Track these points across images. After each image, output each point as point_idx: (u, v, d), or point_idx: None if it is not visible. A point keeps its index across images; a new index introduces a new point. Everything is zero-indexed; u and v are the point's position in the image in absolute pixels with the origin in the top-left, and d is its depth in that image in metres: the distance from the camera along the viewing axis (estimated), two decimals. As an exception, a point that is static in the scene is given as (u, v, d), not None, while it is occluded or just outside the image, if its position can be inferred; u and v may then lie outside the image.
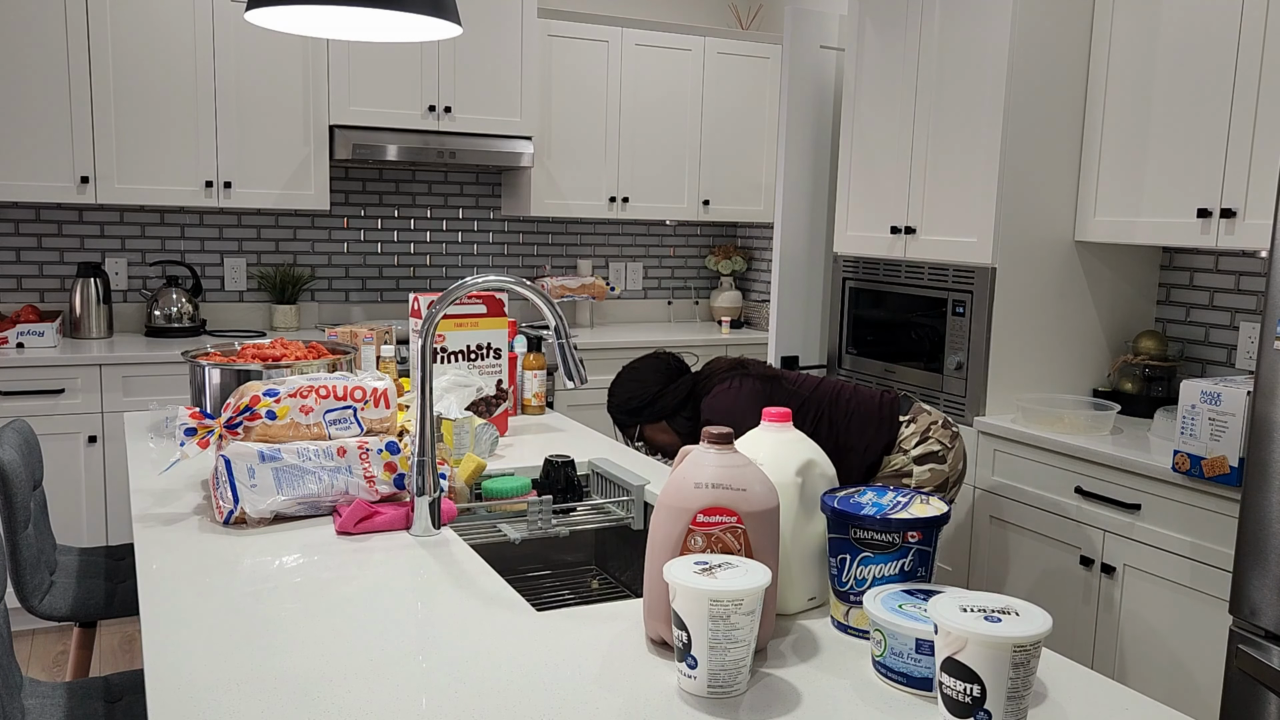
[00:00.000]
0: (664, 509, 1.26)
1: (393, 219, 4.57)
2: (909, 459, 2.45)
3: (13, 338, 3.55)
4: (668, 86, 4.63)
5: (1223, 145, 2.59)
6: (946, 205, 3.13)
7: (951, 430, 2.51)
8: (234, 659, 1.21)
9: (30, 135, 3.59)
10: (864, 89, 3.46)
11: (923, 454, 2.46)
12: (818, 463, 1.40)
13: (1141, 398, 2.99)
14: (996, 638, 1.01)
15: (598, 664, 1.22)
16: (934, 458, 2.46)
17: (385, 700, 1.12)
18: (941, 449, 2.47)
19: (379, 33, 2.11)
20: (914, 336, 3.25)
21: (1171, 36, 2.73)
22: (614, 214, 4.59)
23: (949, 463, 2.48)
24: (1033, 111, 2.94)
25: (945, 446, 2.48)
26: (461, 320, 2.42)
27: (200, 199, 3.86)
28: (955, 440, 2.50)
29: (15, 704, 1.55)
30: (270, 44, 3.89)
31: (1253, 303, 2.94)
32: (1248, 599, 2.13)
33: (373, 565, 1.54)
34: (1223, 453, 2.32)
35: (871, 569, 1.28)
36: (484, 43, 4.21)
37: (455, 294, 1.66)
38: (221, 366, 2.10)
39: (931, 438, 2.47)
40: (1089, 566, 2.68)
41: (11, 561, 2.05)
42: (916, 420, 2.50)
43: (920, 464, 2.44)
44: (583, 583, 2.09)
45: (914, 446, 2.46)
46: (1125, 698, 1.18)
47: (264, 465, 1.70)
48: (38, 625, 3.58)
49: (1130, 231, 2.85)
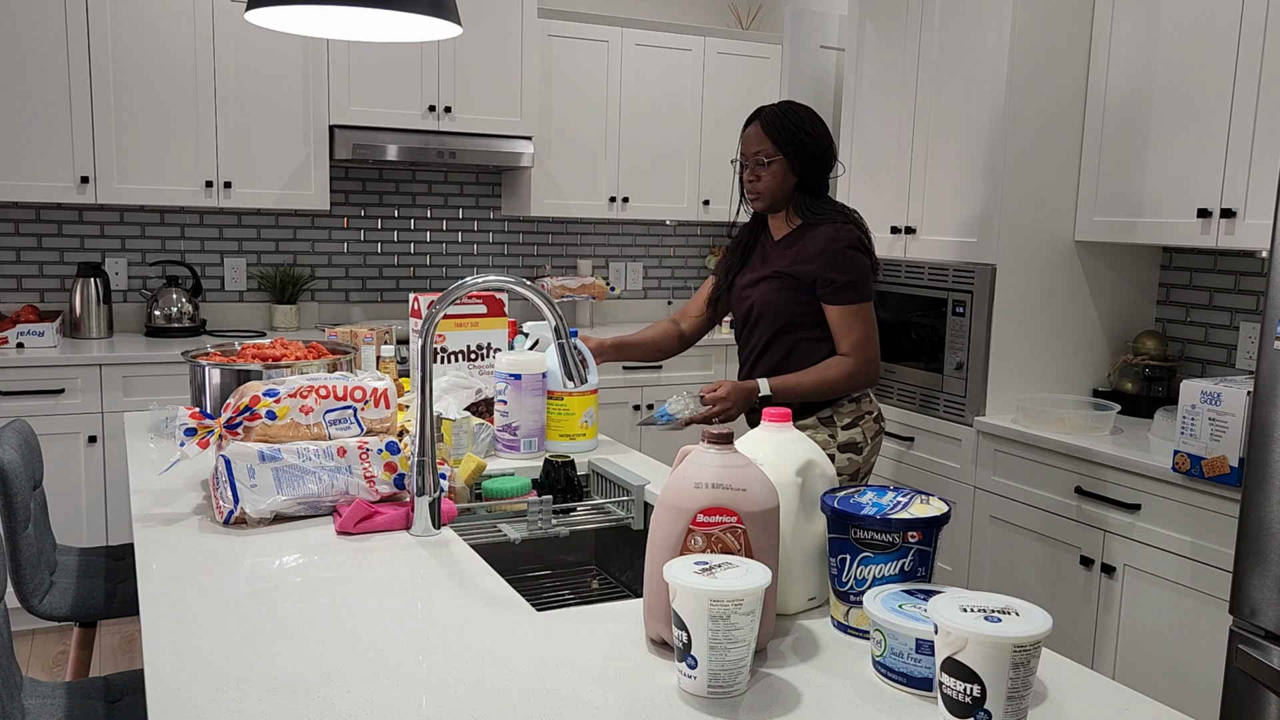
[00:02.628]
0: (664, 509, 1.26)
1: (393, 219, 4.57)
2: (835, 442, 2.40)
3: (13, 338, 3.55)
4: (668, 86, 4.63)
5: (1223, 145, 2.60)
6: (946, 205, 3.13)
7: (878, 426, 2.47)
8: (234, 659, 1.21)
9: (30, 135, 3.60)
10: (864, 89, 3.46)
11: (847, 441, 2.42)
12: (818, 463, 1.40)
13: (1141, 398, 2.99)
14: (996, 638, 1.01)
15: (598, 664, 1.22)
16: (854, 448, 2.42)
17: (385, 700, 1.12)
18: (862, 442, 2.43)
19: (379, 33, 2.11)
20: (914, 336, 3.25)
21: (1171, 36, 2.73)
22: (614, 214, 4.59)
23: (863, 457, 2.44)
24: (1032, 112, 2.94)
25: (865, 441, 2.43)
26: (461, 320, 2.42)
27: (200, 199, 3.86)
28: (876, 438, 2.46)
29: (15, 704, 1.55)
30: (270, 44, 3.89)
31: (1253, 303, 2.94)
32: (1248, 599, 2.13)
33: (373, 565, 1.54)
34: (1223, 453, 2.32)
35: (871, 569, 1.28)
36: (484, 43, 4.21)
37: (455, 294, 1.66)
38: (221, 366, 2.10)
39: (860, 427, 2.43)
40: (1089, 566, 2.68)
41: (11, 561, 2.05)
42: (859, 401, 2.45)
43: (842, 451, 2.39)
44: (583, 583, 2.09)
45: (843, 427, 2.41)
46: (1125, 698, 1.18)
47: (264, 465, 1.70)
48: (38, 625, 3.58)
49: (1130, 231, 2.85)
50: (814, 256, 2.35)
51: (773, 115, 2.39)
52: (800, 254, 2.38)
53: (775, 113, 2.40)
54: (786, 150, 2.37)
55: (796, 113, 2.40)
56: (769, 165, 2.38)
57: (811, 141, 2.39)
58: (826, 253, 2.34)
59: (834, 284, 2.34)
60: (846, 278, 2.33)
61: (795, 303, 2.39)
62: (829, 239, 2.35)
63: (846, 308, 2.35)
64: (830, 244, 2.34)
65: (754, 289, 2.46)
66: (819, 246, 2.35)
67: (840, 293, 2.34)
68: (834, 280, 2.34)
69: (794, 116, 2.39)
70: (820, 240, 2.36)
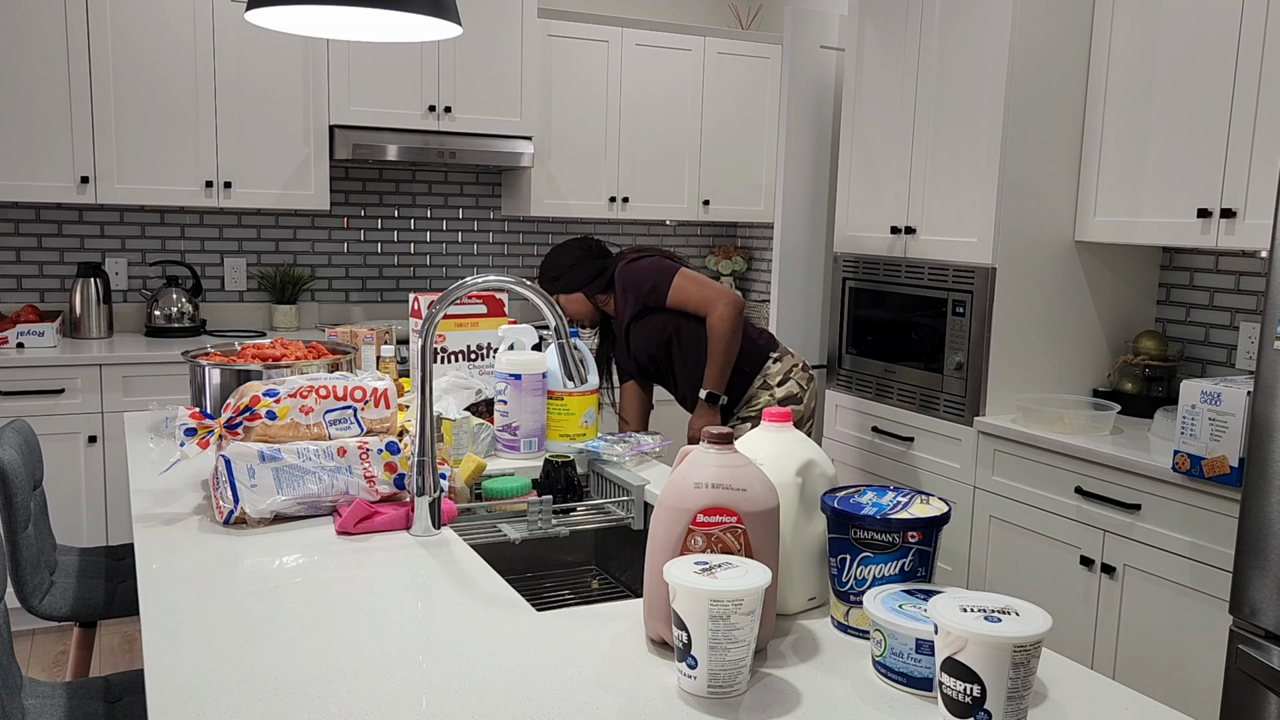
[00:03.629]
0: (664, 509, 1.26)
1: (393, 219, 4.57)
2: (774, 399, 2.77)
3: (13, 338, 3.55)
4: (668, 86, 4.63)
5: (1223, 145, 2.60)
6: (946, 205, 3.13)
7: (808, 374, 2.83)
8: (234, 659, 1.21)
9: (30, 135, 3.60)
10: (864, 89, 3.46)
11: (785, 396, 2.79)
12: (818, 463, 1.40)
13: (1141, 398, 2.99)
14: (996, 638, 1.01)
15: (598, 664, 1.22)
16: (794, 399, 2.80)
17: (385, 700, 1.12)
18: (800, 391, 2.79)
19: (379, 33, 2.11)
20: (914, 336, 3.25)
21: (1171, 36, 2.73)
22: (614, 214, 4.59)
23: (804, 403, 2.82)
24: (1033, 111, 2.94)
25: (802, 389, 2.80)
26: (462, 320, 2.42)
27: (200, 199, 3.86)
28: (810, 384, 2.83)
29: (15, 704, 1.55)
30: (270, 44, 3.89)
31: (1253, 303, 2.94)
32: (1248, 599, 2.13)
33: (373, 565, 1.54)
34: (1223, 453, 2.32)
35: (871, 569, 1.28)
36: (484, 43, 4.21)
37: (455, 294, 1.66)
38: (221, 366, 2.10)
39: (792, 379, 2.79)
40: (1089, 566, 2.68)
41: (11, 561, 2.05)
42: (782, 360, 2.83)
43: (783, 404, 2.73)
44: (583, 583, 2.09)
45: (778, 385, 2.77)
46: (1125, 698, 1.18)
47: (264, 465, 1.70)
48: (38, 625, 3.58)
49: (1130, 231, 2.85)
50: (625, 296, 2.84)
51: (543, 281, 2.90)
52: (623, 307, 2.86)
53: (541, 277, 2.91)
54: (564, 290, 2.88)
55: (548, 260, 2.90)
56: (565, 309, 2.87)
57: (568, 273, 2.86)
58: (626, 289, 2.83)
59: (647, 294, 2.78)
60: (650, 281, 2.78)
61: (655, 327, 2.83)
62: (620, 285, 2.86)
63: (670, 293, 2.76)
64: (622, 284, 2.84)
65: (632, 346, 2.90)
66: (620, 291, 2.86)
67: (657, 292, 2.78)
68: (642, 293, 2.79)
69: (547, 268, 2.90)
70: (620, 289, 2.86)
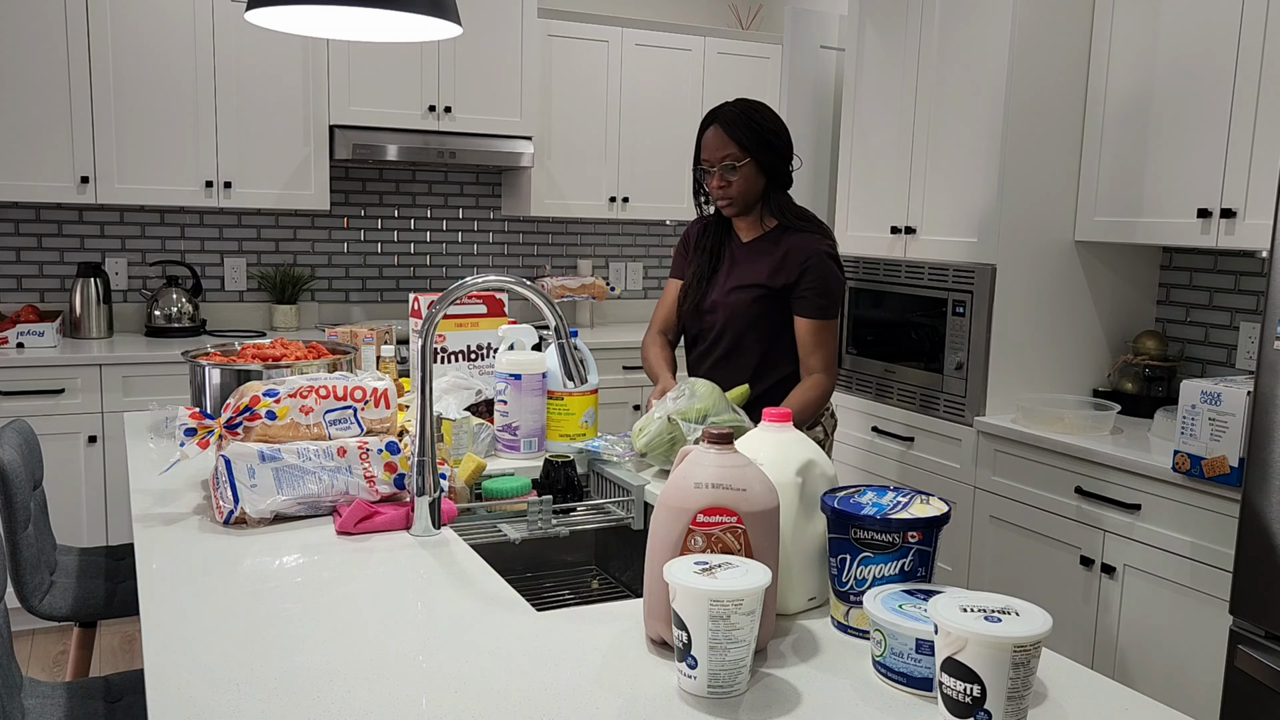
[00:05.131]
0: (664, 509, 1.26)
1: (393, 219, 4.57)
2: None
3: (13, 338, 3.55)
4: (668, 86, 4.63)
5: (1223, 145, 2.60)
6: (946, 205, 3.13)
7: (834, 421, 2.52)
8: (234, 659, 1.21)
9: (30, 135, 3.60)
10: (864, 89, 3.46)
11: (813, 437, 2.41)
12: (818, 463, 1.40)
13: (1141, 398, 2.99)
14: (996, 638, 1.01)
15: (598, 664, 1.22)
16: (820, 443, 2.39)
17: (385, 700, 1.12)
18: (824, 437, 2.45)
19: (379, 33, 2.11)
20: (914, 336, 3.25)
21: (1172, 36, 2.73)
22: (614, 214, 4.59)
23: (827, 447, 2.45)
24: (1033, 111, 2.94)
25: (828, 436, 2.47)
26: (462, 320, 2.42)
27: (200, 199, 3.86)
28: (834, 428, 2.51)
29: (15, 704, 1.55)
30: (270, 44, 3.89)
31: (1253, 303, 2.94)
32: (1248, 599, 2.13)
33: (373, 565, 1.54)
34: (1223, 453, 2.32)
35: (871, 569, 1.28)
36: (484, 43, 4.21)
37: (455, 294, 1.66)
38: (221, 366, 2.10)
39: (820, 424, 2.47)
40: (1089, 566, 2.68)
41: (11, 561, 2.05)
42: None
43: None
44: (583, 583, 2.09)
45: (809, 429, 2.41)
46: (1125, 698, 1.18)
47: (264, 465, 1.70)
48: (38, 625, 3.58)
49: (1130, 231, 2.85)
50: (796, 267, 2.32)
51: (734, 116, 2.32)
52: (778, 263, 2.34)
53: (736, 113, 2.33)
54: (754, 151, 2.31)
55: (758, 110, 2.34)
56: (739, 169, 2.32)
57: (775, 139, 2.33)
58: (810, 265, 2.31)
59: (813, 297, 2.32)
60: (827, 293, 2.32)
61: (767, 313, 2.36)
62: (812, 251, 2.32)
63: (820, 322, 2.33)
64: (814, 256, 2.31)
65: (728, 297, 2.40)
66: (802, 257, 2.32)
67: (818, 307, 2.32)
68: (814, 293, 2.32)
69: (756, 115, 2.33)
70: (803, 251, 2.32)
